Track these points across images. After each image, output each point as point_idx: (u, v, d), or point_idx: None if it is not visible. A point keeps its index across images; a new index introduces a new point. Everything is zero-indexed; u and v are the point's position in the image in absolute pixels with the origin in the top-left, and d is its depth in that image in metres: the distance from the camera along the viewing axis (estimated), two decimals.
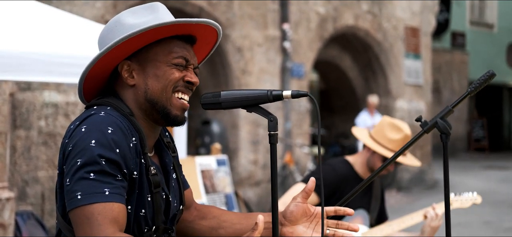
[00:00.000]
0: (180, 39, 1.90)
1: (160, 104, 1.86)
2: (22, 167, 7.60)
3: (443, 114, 2.11)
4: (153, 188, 1.83)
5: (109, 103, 1.85)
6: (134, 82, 1.87)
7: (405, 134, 3.69)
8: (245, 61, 10.79)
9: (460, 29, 22.08)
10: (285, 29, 11.20)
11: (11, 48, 4.13)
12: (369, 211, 3.82)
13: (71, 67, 4.32)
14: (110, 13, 8.73)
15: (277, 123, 1.84)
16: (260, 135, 10.94)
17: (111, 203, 1.68)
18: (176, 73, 1.87)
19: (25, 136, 7.62)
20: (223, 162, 6.45)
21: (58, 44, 4.45)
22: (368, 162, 3.75)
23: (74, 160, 1.70)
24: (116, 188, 1.70)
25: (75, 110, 8.02)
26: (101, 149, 1.69)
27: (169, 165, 1.96)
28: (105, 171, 1.68)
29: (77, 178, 1.68)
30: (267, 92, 1.84)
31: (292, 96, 1.83)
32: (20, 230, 6.42)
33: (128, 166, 1.75)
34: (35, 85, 7.66)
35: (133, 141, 1.78)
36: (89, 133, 1.71)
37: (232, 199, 6.33)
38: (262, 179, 11.00)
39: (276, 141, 1.83)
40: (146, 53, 1.87)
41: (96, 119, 1.75)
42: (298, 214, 2.01)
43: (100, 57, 1.82)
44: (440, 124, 2.08)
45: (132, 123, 1.83)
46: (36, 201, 7.62)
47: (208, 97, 1.87)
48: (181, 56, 1.88)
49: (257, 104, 1.85)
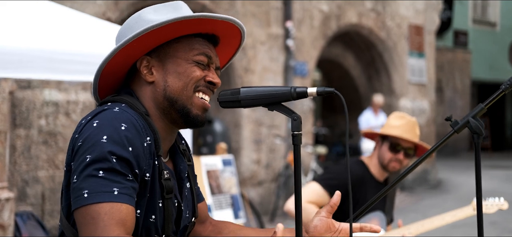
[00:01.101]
0: (202, 37, 1.80)
1: (180, 102, 1.75)
2: (22, 166, 7.48)
3: (475, 112, 1.97)
4: (165, 194, 1.71)
5: (125, 100, 1.74)
6: (153, 79, 1.77)
7: (408, 119, 3.66)
8: (248, 59, 10.67)
9: (463, 28, 21.98)
10: (288, 27, 11.07)
11: (12, 44, 4.03)
12: (384, 212, 3.72)
13: (73, 64, 4.22)
14: (112, 10, 8.60)
15: (301, 122, 1.70)
16: (263, 134, 10.82)
17: (119, 204, 1.56)
18: (198, 71, 1.77)
19: (25, 135, 7.50)
20: (229, 162, 6.32)
21: (60, 40, 4.35)
22: (379, 158, 3.66)
23: (83, 156, 1.58)
24: (126, 188, 1.58)
25: (76, 108, 7.90)
26: (112, 145, 1.57)
27: (184, 173, 1.84)
28: (115, 170, 1.57)
29: (85, 176, 1.56)
30: (290, 89, 1.71)
31: (317, 93, 1.70)
32: (20, 231, 6.34)
33: (141, 167, 1.63)
34: (35, 83, 7.55)
35: (147, 141, 1.66)
36: (101, 128, 1.60)
37: (238, 200, 6.19)
38: (265, 179, 10.88)
39: (300, 141, 1.70)
40: (167, 49, 1.77)
41: (110, 114, 1.63)
42: (322, 229, 1.89)
43: (118, 51, 1.71)
44: (473, 124, 1.94)
45: (147, 123, 1.71)
46: (36, 202, 7.51)
47: (226, 95, 1.74)
48: (203, 53, 1.78)
49: (279, 102, 1.72)
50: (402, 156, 3.59)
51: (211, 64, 1.81)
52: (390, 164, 3.62)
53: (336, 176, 3.65)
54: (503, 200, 3.46)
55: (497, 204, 3.44)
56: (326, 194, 3.60)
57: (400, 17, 13.48)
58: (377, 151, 3.69)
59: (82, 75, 4.38)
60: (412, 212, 10.57)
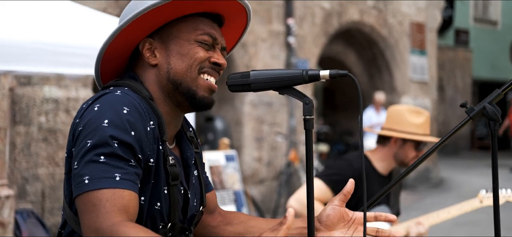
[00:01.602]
0: (206, 17, 1.73)
1: (185, 84, 1.69)
2: (22, 164, 7.43)
3: (491, 98, 1.90)
4: (171, 180, 1.64)
5: (127, 84, 1.67)
6: (156, 62, 1.70)
7: (427, 115, 3.59)
8: (249, 56, 10.61)
9: (464, 26, 21.94)
10: (290, 24, 11.02)
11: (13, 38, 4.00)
12: (389, 206, 3.67)
13: (75, 57, 4.19)
14: (112, 6, 8.55)
15: (313, 106, 1.63)
16: (264, 132, 10.77)
17: (121, 190, 1.49)
18: (201, 52, 1.70)
19: (25, 132, 7.45)
20: (232, 157, 6.26)
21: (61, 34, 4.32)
22: (397, 156, 3.58)
23: (84, 141, 1.52)
24: (128, 174, 1.51)
25: (76, 105, 7.85)
26: (114, 130, 1.51)
27: (190, 159, 1.77)
28: (117, 155, 1.50)
29: (86, 161, 1.50)
30: (302, 72, 1.64)
31: (330, 76, 1.63)
32: (20, 229, 6.30)
33: (144, 152, 1.56)
34: (35, 79, 7.50)
35: (150, 125, 1.60)
36: (102, 112, 1.54)
37: (241, 196, 6.14)
38: (266, 177, 10.82)
39: (312, 126, 1.63)
40: (170, 30, 1.70)
41: (111, 98, 1.57)
42: (334, 219, 1.81)
43: (119, 32, 1.64)
44: (489, 110, 1.87)
45: (151, 107, 1.64)
46: (36, 199, 7.46)
47: (235, 78, 1.67)
48: (207, 33, 1.71)
49: (290, 86, 1.65)
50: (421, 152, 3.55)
51: (217, 44, 1.74)
52: (412, 161, 3.56)
53: (338, 171, 3.59)
54: (510, 191, 3.39)
55: (504, 195, 3.37)
56: (329, 190, 3.53)
57: (402, 14, 13.43)
58: (394, 149, 3.59)
59: (84, 69, 4.33)
60: (414, 210, 10.52)
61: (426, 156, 1.89)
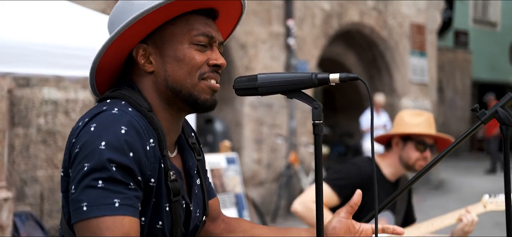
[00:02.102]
0: (200, 13, 1.64)
1: (185, 91, 1.61)
2: (21, 166, 7.38)
3: (504, 102, 1.86)
4: (173, 196, 1.58)
5: (125, 96, 1.59)
6: (153, 69, 1.62)
7: (427, 116, 3.55)
8: (249, 57, 10.57)
9: (463, 28, 21.92)
10: (290, 25, 10.98)
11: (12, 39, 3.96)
12: (394, 213, 3.60)
13: (74, 58, 4.15)
14: (111, 7, 8.49)
15: (322, 110, 1.59)
16: (264, 133, 10.72)
17: (121, 217, 1.43)
18: (198, 56, 1.61)
19: (24, 134, 7.41)
20: (233, 160, 6.21)
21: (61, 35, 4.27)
22: (401, 159, 3.53)
23: (80, 165, 1.45)
24: (128, 199, 1.45)
25: (75, 107, 7.81)
26: (112, 152, 1.44)
27: (193, 169, 1.70)
28: (115, 179, 1.43)
29: (84, 186, 1.43)
30: (311, 75, 1.59)
31: (340, 80, 1.58)
32: (19, 231, 6.26)
33: (144, 173, 1.50)
34: (34, 81, 7.45)
35: (150, 144, 1.52)
36: (99, 133, 1.46)
37: (242, 199, 6.09)
38: (266, 179, 10.78)
39: (321, 131, 1.58)
40: (163, 33, 1.61)
41: (108, 117, 1.49)
42: (341, 231, 1.76)
43: (111, 42, 1.56)
44: (501, 114, 1.83)
45: (150, 121, 1.57)
46: (34, 202, 7.41)
47: (242, 82, 1.61)
48: (203, 32, 1.62)
49: (299, 90, 1.60)
50: (428, 153, 3.48)
51: (214, 42, 1.65)
52: (417, 163, 3.49)
53: (345, 175, 3.51)
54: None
55: None
56: (334, 194, 3.46)
57: (402, 16, 13.40)
58: (397, 153, 3.54)
59: (84, 70, 4.28)
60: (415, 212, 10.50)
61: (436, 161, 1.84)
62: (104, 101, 1.60)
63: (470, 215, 3.35)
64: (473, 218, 3.34)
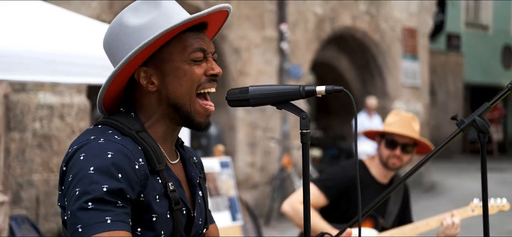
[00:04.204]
0: (191, 29, 1.75)
1: (184, 108, 1.73)
2: (16, 170, 7.44)
3: (481, 111, 1.97)
4: (174, 205, 1.70)
5: (112, 123, 1.72)
6: (155, 88, 1.73)
7: (403, 115, 3.67)
8: (243, 62, 10.65)
9: (456, 31, 22.06)
10: (283, 30, 11.07)
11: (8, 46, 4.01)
12: (384, 215, 3.69)
13: (70, 65, 4.22)
14: (106, 12, 8.57)
15: (309, 121, 1.70)
16: (258, 137, 10.81)
17: (116, 231, 1.55)
18: (197, 70, 1.73)
19: (20, 139, 7.47)
20: (227, 164, 6.31)
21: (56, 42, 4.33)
22: (380, 157, 3.67)
23: (73, 191, 1.58)
24: (118, 215, 1.57)
25: (70, 111, 7.87)
26: (99, 176, 1.57)
27: (195, 179, 1.83)
28: (103, 199, 1.56)
29: (76, 209, 1.56)
30: (299, 87, 1.70)
31: (326, 92, 1.69)
32: (14, 234, 6.29)
33: (134, 189, 1.62)
34: (29, 86, 7.51)
35: (140, 163, 1.65)
36: (87, 160, 1.60)
37: (236, 202, 6.19)
38: (260, 182, 10.86)
39: (308, 140, 1.69)
40: (161, 55, 1.72)
41: (95, 146, 1.63)
42: None
43: (114, 77, 1.69)
44: (479, 122, 1.94)
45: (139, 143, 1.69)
46: (30, 205, 7.47)
47: (235, 93, 1.73)
48: (198, 48, 1.73)
49: (287, 101, 1.71)
50: (399, 152, 3.58)
51: (207, 54, 1.76)
52: (389, 161, 3.61)
53: (332, 177, 3.68)
54: (505, 201, 3.42)
55: (498, 205, 3.41)
56: (321, 194, 3.61)
57: (394, 19, 13.51)
58: (378, 151, 3.68)
59: (79, 77, 4.36)
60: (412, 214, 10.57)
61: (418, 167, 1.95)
62: (95, 127, 1.72)
63: (451, 218, 3.43)
64: (454, 221, 3.42)
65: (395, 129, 3.58)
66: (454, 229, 3.42)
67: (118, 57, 1.71)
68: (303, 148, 1.68)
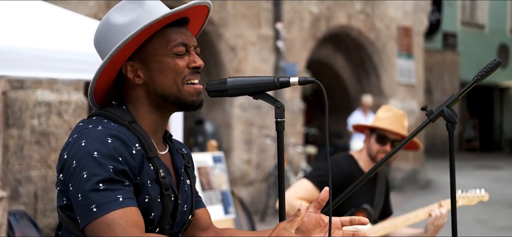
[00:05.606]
0: (173, 24, 1.85)
1: (173, 96, 1.84)
2: (15, 166, 7.54)
3: (449, 102, 2.09)
4: (164, 191, 1.81)
5: (107, 114, 1.83)
6: (142, 81, 1.85)
7: (395, 111, 3.71)
8: (239, 60, 10.76)
9: (452, 30, 22.16)
10: (279, 28, 11.18)
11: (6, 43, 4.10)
12: (373, 207, 3.78)
13: (67, 62, 4.31)
14: (104, 11, 8.67)
15: (284, 109, 1.82)
16: (254, 134, 10.91)
17: (128, 208, 1.67)
18: (180, 62, 1.83)
19: (18, 135, 7.56)
20: (219, 159, 6.43)
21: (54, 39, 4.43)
22: (368, 150, 3.73)
23: (80, 174, 1.68)
24: (127, 193, 1.69)
25: (68, 109, 7.97)
26: (104, 158, 1.68)
27: (180, 168, 1.93)
28: (113, 179, 1.67)
29: (87, 191, 1.66)
30: (274, 78, 1.81)
31: (299, 83, 1.80)
32: (13, 229, 6.37)
33: (133, 172, 1.74)
34: (27, 83, 7.61)
35: (136, 148, 1.76)
36: (89, 146, 1.70)
37: (228, 196, 6.31)
38: (256, 179, 10.97)
39: (283, 128, 1.82)
40: (145, 49, 1.83)
41: (95, 133, 1.74)
42: (310, 225, 1.91)
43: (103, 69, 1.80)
44: (447, 113, 2.07)
45: (132, 131, 1.80)
46: (28, 201, 7.56)
47: (214, 84, 1.84)
48: (180, 42, 1.84)
49: (263, 91, 1.83)
50: (389, 147, 3.62)
51: (190, 48, 1.86)
52: (378, 156, 3.66)
53: (325, 172, 3.69)
54: (483, 191, 3.52)
55: (477, 195, 3.51)
56: (317, 190, 3.65)
57: (389, 18, 13.61)
58: (366, 144, 3.74)
59: (76, 74, 4.46)
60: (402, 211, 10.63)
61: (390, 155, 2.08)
62: (90, 118, 1.83)
63: (439, 209, 3.53)
64: (441, 212, 3.52)
65: (386, 125, 3.63)
66: (442, 219, 3.52)
67: (106, 53, 1.82)
68: (278, 136, 1.80)
